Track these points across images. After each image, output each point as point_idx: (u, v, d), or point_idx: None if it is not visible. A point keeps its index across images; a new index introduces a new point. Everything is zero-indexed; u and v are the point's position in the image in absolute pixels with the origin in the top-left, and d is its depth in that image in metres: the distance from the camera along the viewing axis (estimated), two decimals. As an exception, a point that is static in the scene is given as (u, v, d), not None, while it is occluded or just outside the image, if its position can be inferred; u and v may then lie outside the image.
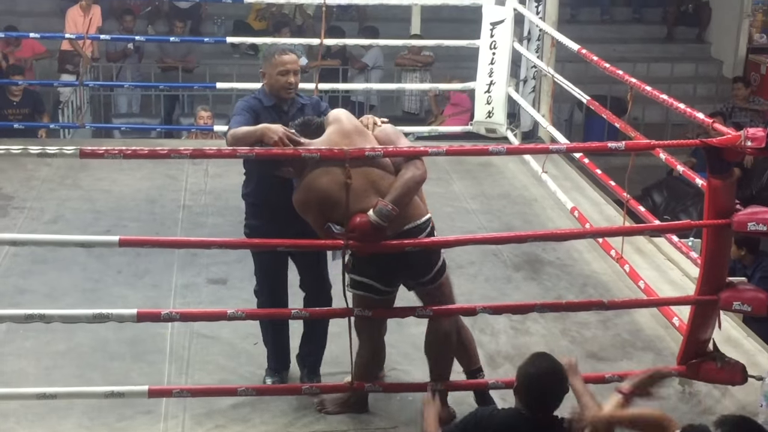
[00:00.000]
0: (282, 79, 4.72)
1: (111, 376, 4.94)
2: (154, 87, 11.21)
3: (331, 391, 4.70)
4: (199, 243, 5.28)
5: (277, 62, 4.72)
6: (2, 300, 5.60)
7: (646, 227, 5.83)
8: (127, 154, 4.34)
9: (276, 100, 4.77)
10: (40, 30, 10.38)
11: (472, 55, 8.74)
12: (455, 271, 6.20)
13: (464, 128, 8.87)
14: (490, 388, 4.71)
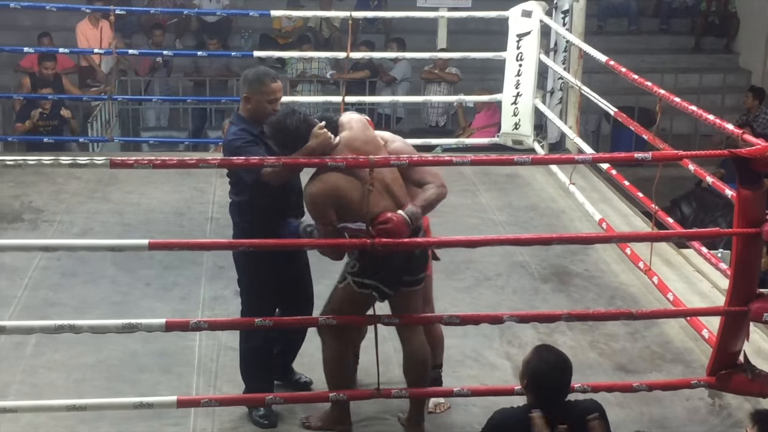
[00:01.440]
0: (270, 107, 4.69)
1: (140, 388, 4.96)
2: (182, 101, 11.28)
3: (356, 397, 4.69)
4: (227, 244, 5.28)
5: (268, 90, 4.70)
6: (32, 312, 5.64)
7: (675, 233, 5.80)
8: (156, 163, 4.37)
9: (259, 126, 4.69)
10: (69, 45, 10.47)
11: (499, 67, 8.74)
12: (483, 283, 6.24)
13: (491, 140, 8.86)
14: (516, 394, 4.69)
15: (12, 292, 5.88)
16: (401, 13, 9.33)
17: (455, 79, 11.27)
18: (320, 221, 4.46)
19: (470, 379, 5.12)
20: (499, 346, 5.47)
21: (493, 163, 6.83)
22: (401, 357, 5.18)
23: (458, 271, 6.37)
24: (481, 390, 4.81)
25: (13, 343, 5.25)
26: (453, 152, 9.05)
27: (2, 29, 11.16)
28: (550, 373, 3.70)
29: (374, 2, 13.56)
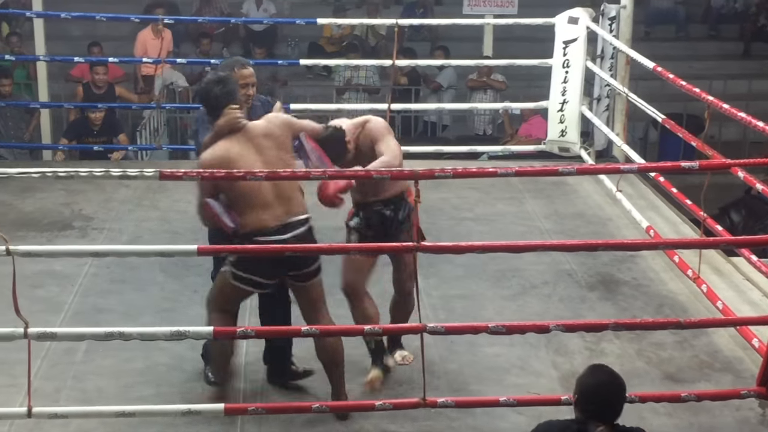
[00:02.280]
0: (241, 91, 4.94)
1: (187, 395, 5.00)
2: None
3: (402, 407, 4.69)
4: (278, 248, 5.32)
5: (237, 76, 4.99)
6: (82, 319, 5.71)
7: (724, 240, 5.74)
8: (205, 176, 4.41)
9: None
10: (118, 54, 10.61)
11: (545, 74, 8.71)
12: (529, 291, 6.21)
13: (537, 147, 8.83)
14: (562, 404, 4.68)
15: (63, 298, 5.96)
16: (447, 20, 9.34)
17: (501, 86, 11.26)
18: (200, 187, 4.61)
19: (516, 388, 5.10)
20: (546, 354, 5.44)
21: (538, 175, 6.80)
22: (447, 365, 5.20)
23: (504, 278, 6.36)
24: (527, 399, 4.79)
25: (63, 349, 5.32)
26: (499, 160, 9.04)
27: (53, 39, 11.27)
28: (602, 392, 3.66)
29: (420, 10, 13.60)
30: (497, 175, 4.55)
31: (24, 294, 4.57)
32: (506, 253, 5.73)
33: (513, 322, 4.84)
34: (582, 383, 3.68)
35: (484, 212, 7.55)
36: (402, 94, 11.25)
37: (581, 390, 3.68)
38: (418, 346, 4.61)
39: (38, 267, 6.18)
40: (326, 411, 4.59)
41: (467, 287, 6.25)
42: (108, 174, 4.42)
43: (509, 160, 8.96)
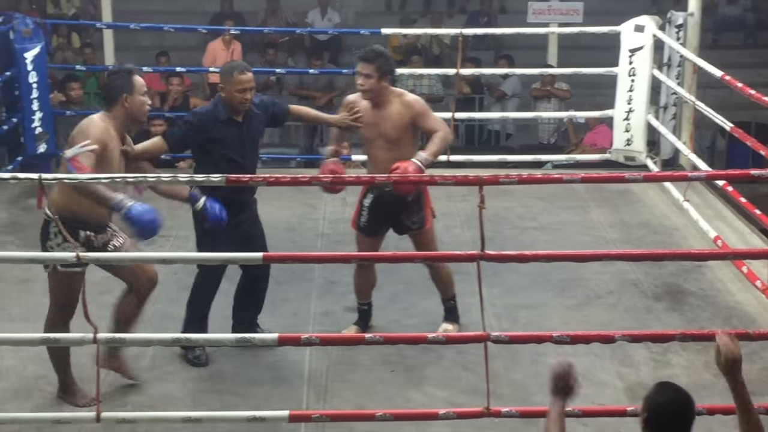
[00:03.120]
0: (239, 96, 5.22)
1: (252, 401, 5.04)
2: (294, 118, 11.44)
3: (465, 416, 4.67)
4: (339, 257, 5.37)
5: (236, 81, 5.22)
6: (149, 325, 5.78)
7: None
8: (270, 181, 4.46)
9: (231, 114, 5.27)
10: (185, 64, 10.74)
11: (610, 83, 8.65)
12: (594, 301, 6.16)
13: (602, 156, 8.76)
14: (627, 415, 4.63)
15: (130, 305, 6.04)
16: (511, 29, 9.31)
17: (566, 95, 11.20)
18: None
19: (580, 398, 5.00)
20: (611, 365, 5.39)
21: (604, 181, 6.75)
22: (511, 374, 5.18)
23: (569, 288, 6.32)
24: (592, 410, 4.75)
25: (131, 355, 5.39)
26: (563, 169, 8.98)
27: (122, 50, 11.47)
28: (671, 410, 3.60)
29: (484, 18, 13.58)
30: (563, 181, 4.53)
31: (93, 300, 4.65)
32: (571, 262, 5.70)
33: (578, 332, 4.80)
34: (650, 402, 3.63)
35: (548, 221, 7.52)
36: (465, 103, 11.22)
37: (650, 409, 3.62)
38: (482, 355, 4.60)
39: (106, 273, 6.26)
40: (390, 419, 4.59)
41: (531, 297, 6.22)
42: (175, 180, 4.49)
43: (574, 168, 8.90)
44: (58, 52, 11.99)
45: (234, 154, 5.31)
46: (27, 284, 6.18)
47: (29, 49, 8.06)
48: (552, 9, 10.62)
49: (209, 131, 5.27)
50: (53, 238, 4.78)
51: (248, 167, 5.35)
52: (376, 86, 5.43)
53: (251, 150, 5.42)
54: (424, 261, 5.52)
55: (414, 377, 5.28)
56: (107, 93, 4.96)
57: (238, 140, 5.31)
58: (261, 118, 5.42)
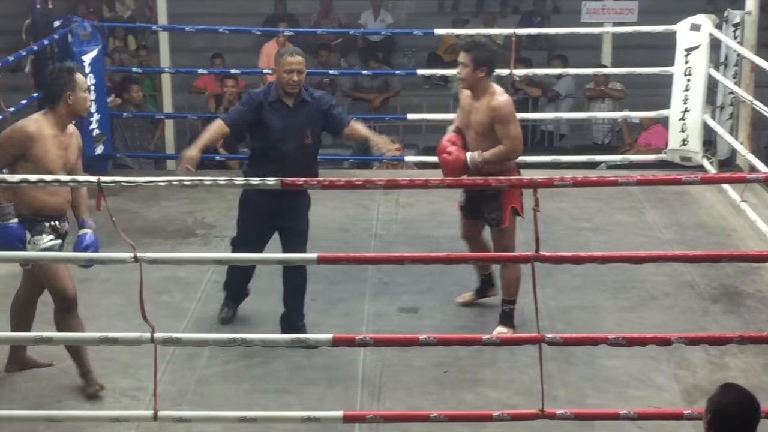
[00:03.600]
0: (286, 76, 5.49)
1: (306, 401, 5.07)
2: (347, 119, 11.48)
3: (520, 418, 4.66)
4: (393, 258, 5.38)
5: (284, 62, 5.50)
6: (203, 325, 5.85)
7: None
8: (325, 184, 4.47)
9: (280, 95, 5.53)
10: (239, 66, 10.82)
11: (665, 82, 8.57)
12: (649, 303, 6.11)
13: (658, 156, 8.68)
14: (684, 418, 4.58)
15: (186, 305, 6.11)
16: (565, 29, 9.25)
17: (620, 95, 11.11)
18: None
19: (637, 401, 5.03)
20: (667, 368, 5.35)
21: (661, 183, 6.66)
22: (565, 376, 5.16)
23: (623, 290, 6.28)
24: (648, 413, 4.71)
25: (187, 354, 5.46)
26: (618, 169, 8.91)
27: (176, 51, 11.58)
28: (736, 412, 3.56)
29: (537, 18, 13.52)
30: (618, 183, 4.49)
31: (149, 300, 4.71)
32: (626, 263, 5.66)
33: (633, 334, 4.77)
34: (715, 403, 3.59)
35: (602, 222, 7.47)
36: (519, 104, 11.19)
37: (715, 410, 3.58)
38: (536, 356, 4.58)
39: (163, 274, 6.35)
40: (444, 420, 4.59)
41: (585, 298, 6.18)
42: (231, 183, 4.53)
43: (628, 169, 8.82)
44: (115, 55, 12.14)
45: (276, 141, 5.51)
46: (86, 284, 6.26)
47: (87, 52, 8.17)
48: (606, 8, 10.53)
49: (259, 111, 5.52)
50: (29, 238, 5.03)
51: (290, 154, 5.51)
52: (471, 75, 5.57)
53: (296, 136, 5.52)
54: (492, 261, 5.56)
55: (468, 378, 5.27)
56: (49, 91, 5.07)
57: (282, 123, 5.50)
58: (314, 110, 5.56)
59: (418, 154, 10.26)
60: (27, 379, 5.26)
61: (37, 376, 5.29)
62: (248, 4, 13.97)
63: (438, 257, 5.37)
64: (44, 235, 5.05)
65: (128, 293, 5.40)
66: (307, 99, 5.57)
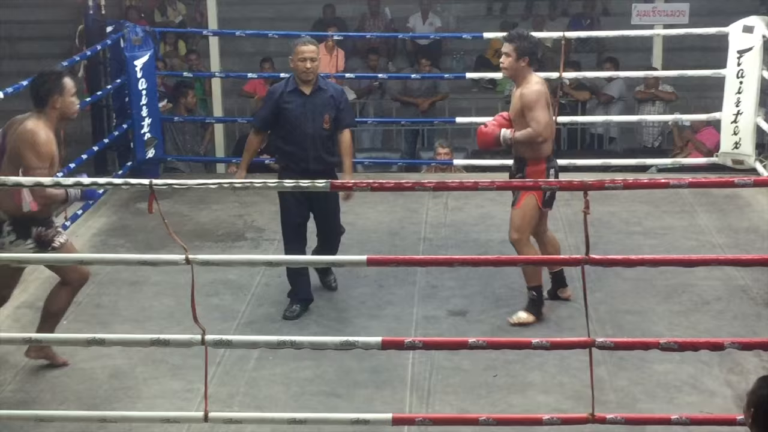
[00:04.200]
0: (300, 64, 5.95)
1: (355, 404, 5.08)
2: (395, 123, 11.52)
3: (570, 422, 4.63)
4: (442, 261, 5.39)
5: (298, 51, 5.96)
6: (254, 327, 5.89)
7: None
8: (374, 186, 4.49)
9: (297, 84, 6.00)
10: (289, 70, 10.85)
11: (716, 85, 8.48)
12: (701, 308, 6.05)
13: (709, 160, 8.59)
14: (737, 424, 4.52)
15: (236, 307, 6.16)
16: (615, 32, 9.19)
17: (671, 97, 11.01)
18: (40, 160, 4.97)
19: (688, 406, 4.98)
20: (719, 373, 5.29)
21: (713, 186, 6.60)
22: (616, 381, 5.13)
23: (675, 294, 6.22)
24: (700, 418, 4.66)
25: (237, 357, 5.49)
26: (668, 173, 8.84)
27: (227, 56, 11.71)
28: None
29: (587, 21, 13.45)
30: (670, 186, 4.44)
31: (200, 302, 4.75)
32: (677, 267, 5.61)
33: (685, 339, 4.72)
34: (756, 396, 3.52)
35: (653, 226, 7.40)
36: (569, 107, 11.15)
37: (756, 404, 3.52)
38: (587, 360, 4.55)
39: (213, 276, 6.41)
40: (493, 424, 4.58)
41: (636, 302, 6.14)
42: (281, 185, 4.56)
43: (679, 172, 8.74)
44: (166, 60, 12.27)
45: (298, 124, 5.97)
46: (137, 286, 6.34)
47: (139, 57, 8.27)
48: (657, 10, 10.44)
49: (279, 102, 6.00)
50: (5, 236, 5.09)
51: (311, 137, 5.97)
52: (513, 65, 5.79)
53: (314, 120, 5.98)
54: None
55: (517, 382, 5.26)
56: (37, 95, 5.11)
57: (301, 108, 5.97)
58: (330, 98, 6.03)
59: (467, 158, 10.25)
60: (80, 381, 5.33)
61: (91, 378, 5.36)
62: (297, 8, 14.05)
63: (487, 260, 5.44)
64: (29, 241, 5.11)
65: (179, 295, 5.47)
66: (323, 87, 6.05)
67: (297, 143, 5.98)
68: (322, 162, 6.02)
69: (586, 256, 4.40)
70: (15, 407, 5.00)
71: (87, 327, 5.79)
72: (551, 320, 5.91)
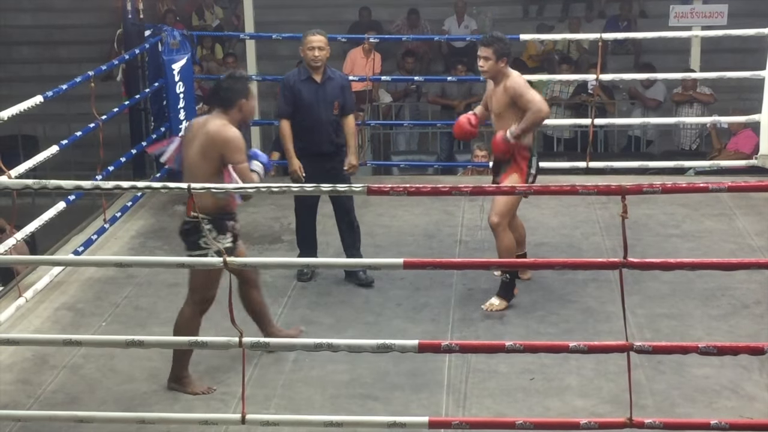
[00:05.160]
0: (309, 53, 6.43)
1: (391, 407, 5.09)
2: (431, 125, 11.51)
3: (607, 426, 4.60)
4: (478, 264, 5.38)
5: (307, 41, 6.45)
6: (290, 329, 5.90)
7: None
8: (411, 191, 4.49)
9: (308, 73, 6.47)
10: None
11: (756, 87, 8.40)
12: (741, 311, 6.00)
13: (748, 162, 8.52)
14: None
15: (273, 309, 6.14)
16: (653, 33, 9.13)
17: (709, 99, 10.93)
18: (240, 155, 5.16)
19: (728, 411, 4.94)
20: (759, 377, 5.24)
21: (752, 190, 6.53)
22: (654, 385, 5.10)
23: (714, 297, 6.17)
24: (741, 423, 4.62)
25: (273, 359, 5.52)
26: (707, 175, 8.77)
27: (263, 58, 11.76)
28: None
29: (624, 23, 13.37)
30: (709, 190, 4.40)
31: (237, 305, 4.78)
32: (716, 271, 5.57)
33: (725, 343, 4.68)
34: None
35: (691, 229, 7.35)
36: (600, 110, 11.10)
37: None
38: (624, 364, 4.53)
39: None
40: (530, 428, 4.56)
41: (674, 306, 6.09)
42: (318, 189, 4.57)
43: (717, 175, 8.68)
44: (203, 63, 12.34)
45: (312, 110, 6.44)
46: (175, 288, 6.37)
47: (176, 61, 8.33)
48: (695, 12, 10.39)
49: (295, 90, 6.46)
50: (207, 236, 5.11)
51: (324, 122, 6.46)
52: (494, 67, 6.10)
53: (325, 106, 6.46)
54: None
55: (554, 386, 5.24)
56: (225, 95, 5.24)
57: (314, 96, 6.44)
58: (338, 85, 6.52)
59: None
60: (119, 383, 5.38)
61: (130, 379, 5.40)
62: (333, 11, 14.10)
63: (523, 263, 5.45)
64: (228, 234, 5.21)
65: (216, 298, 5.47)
66: (332, 76, 6.53)
67: (312, 128, 6.45)
68: (333, 144, 6.51)
69: (624, 260, 4.37)
70: (55, 408, 5.06)
71: (126, 329, 5.84)
72: (588, 323, 5.88)
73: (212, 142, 5.14)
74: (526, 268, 6.41)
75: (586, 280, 6.34)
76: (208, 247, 5.12)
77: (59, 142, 6.94)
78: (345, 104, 6.56)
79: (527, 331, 5.81)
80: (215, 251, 5.06)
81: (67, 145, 7.04)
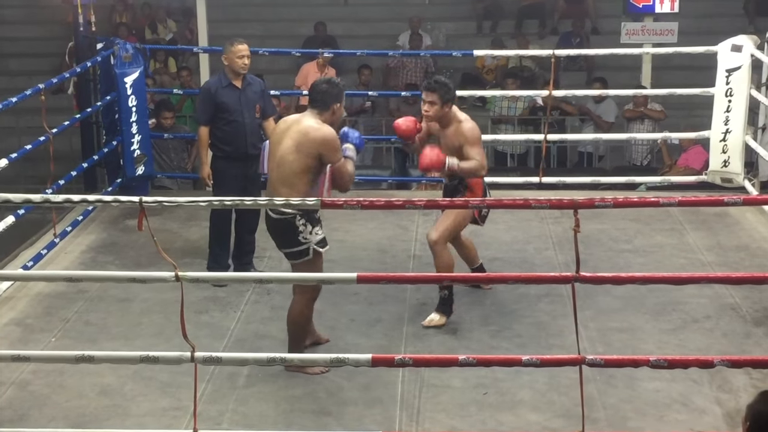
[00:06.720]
0: (239, 61, 6.69)
1: (345, 422, 5.07)
2: (385, 140, 11.52)
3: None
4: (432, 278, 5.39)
5: (236, 50, 6.70)
6: (244, 344, 5.87)
7: None
8: (364, 204, 4.49)
9: (230, 79, 6.72)
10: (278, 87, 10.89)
11: (705, 103, 8.52)
12: (690, 325, 6.06)
13: (698, 178, 8.62)
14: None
15: (226, 324, 6.14)
16: (605, 50, 9.22)
17: (660, 115, 11.05)
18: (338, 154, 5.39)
19: (678, 424, 4.98)
20: (709, 391, 5.29)
21: (703, 204, 6.61)
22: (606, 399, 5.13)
23: (665, 312, 6.22)
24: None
25: (227, 374, 5.47)
26: (658, 191, 8.87)
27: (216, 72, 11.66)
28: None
29: (576, 40, 13.50)
30: (660, 204, 4.46)
31: (189, 319, 4.74)
32: (667, 285, 5.62)
33: (675, 356, 4.73)
34: (753, 411, 3.53)
35: (642, 244, 7.42)
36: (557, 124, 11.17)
37: (753, 418, 3.53)
38: (577, 378, 4.55)
39: (203, 293, 6.40)
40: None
41: (626, 320, 6.14)
42: (271, 203, 4.56)
43: (668, 190, 8.77)
44: (156, 76, 12.26)
45: (236, 115, 6.69)
46: (126, 303, 6.32)
47: (129, 74, 8.26)
48: (646, 29, 10.50)
49: (218, 96, 6.68)
50: (303, 230, 5.41)
51: (248, 125, 6.71)
52: (439, 112, 6.08)
53: (248, 109, 6.74)
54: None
55: (507, 400, 5.25)
56: (322, 98, 5.46)
57: (238, 102, 6.70)
58: (257, 90, 6.81)
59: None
60: (68, 399, 5.30)
61: (80, 395, 5.33)
62: (287, 26, 14.09)
63: (477, 277, 5.45)
64: (318, 227, 5.47)
65: (168, 313, 5.45)
66: (251, 81, 6.82)
67: (236, 132, 6.70)
68: (256, 147, 6.65)
69: (576, 274, 4.41)
70: (2, 425, 4.98)
71: (76, 344, 5.77)
72: (541, 338, 5.91)
73: (311, 140, 5.34)
74: (478, 283, 6.43)
75: (538, 294, 6.37)
76: (308, 241, 5.42)
77: (8, 156, 6.85)
78: (265, 107, 6.85)
79: (480, 345, 5.82)
80: (315, 243, 5.42)
81: (17, 158, 6.95)
